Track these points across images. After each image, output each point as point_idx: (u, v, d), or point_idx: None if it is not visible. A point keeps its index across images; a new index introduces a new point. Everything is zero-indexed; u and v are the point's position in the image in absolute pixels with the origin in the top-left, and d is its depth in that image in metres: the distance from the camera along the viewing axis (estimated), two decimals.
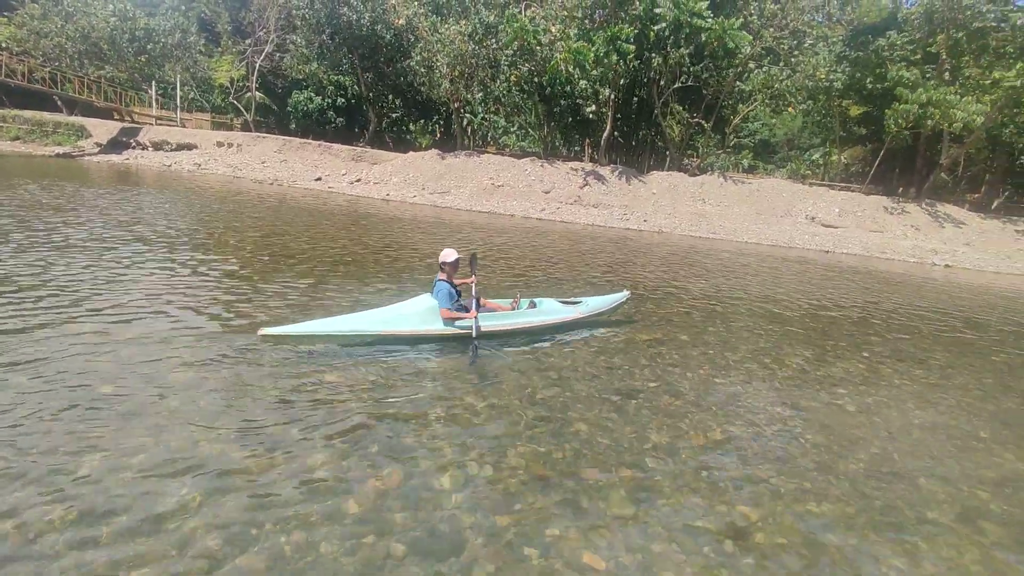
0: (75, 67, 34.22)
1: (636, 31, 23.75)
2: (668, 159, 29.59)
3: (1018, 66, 23.26)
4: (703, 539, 3.09)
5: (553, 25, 25.50)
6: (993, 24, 25.48)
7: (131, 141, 30.70)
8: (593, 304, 6.90)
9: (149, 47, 33.96)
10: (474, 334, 5.44)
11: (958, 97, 24.03)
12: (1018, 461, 4.48)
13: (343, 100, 38.68)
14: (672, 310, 8.42)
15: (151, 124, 34.79)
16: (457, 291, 5.95)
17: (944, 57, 27.14)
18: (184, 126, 36.83)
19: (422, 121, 38.04)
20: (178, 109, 38.99)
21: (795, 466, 4.00)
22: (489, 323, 5.87)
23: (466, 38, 25.43)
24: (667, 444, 4.12)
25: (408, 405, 4.30)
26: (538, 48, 24.89)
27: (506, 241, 14.41)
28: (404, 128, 39.45)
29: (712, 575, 2.83)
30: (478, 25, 25.77)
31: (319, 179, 25.91)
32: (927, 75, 27.05)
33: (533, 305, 6.48)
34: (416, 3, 28.10)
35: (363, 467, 3.45)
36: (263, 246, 9.95)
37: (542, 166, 26.68)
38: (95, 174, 20.86)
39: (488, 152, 31.46)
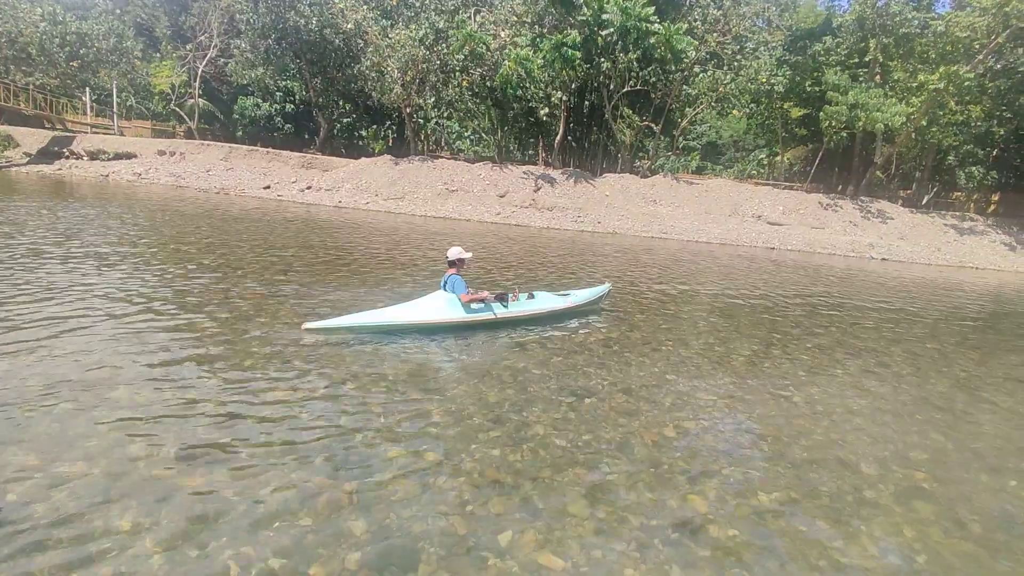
0: (0, 73, 32.26)
1: (584, 36, 24.12)
2: (620, 161, 30.15)
3: (940, 70, 24.75)
4: (657, 534, 3.14)
5: (503, 30, 25.64)
6: (917, 30, 27.10)
7: (64, 150, 29.19)
8: (580, 296, 7.77)
9: (82, 52, 32.34)
10: (496, 314, 6.60)
11: (881, 100, 25.41)
12: (947, 441, 4.75)
13: (292, 106, 37.84)
14: (625, 310, 8.56)
15: (86, 132, 33.10)
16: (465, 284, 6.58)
17: (876, 60, 28.65)
18: (123, 134, 35.27)
19: (374, 127, 37.58)
20: (115, 116, 37.32)
21: (744, 457, 4.12)
22: (508, 311, 6.73)
23: (417, 43, 25.27)
24: (621, 442, 4.17)
25: (361, 414, 4.22)
26: (487, 54, 24.98)
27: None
28: (356, 134, 38.88)
29: (667, 570, 2.87)
30: (429, 30, 25.66)
31: (268, 187, 25.22)
32: (860, 78, 28.49)
33: (531, 296, 7.15)
34: (365, 8, 27.74)
35: (315, 479, 3.36)
36: (210, 254, 9.59)
37: (496, 170, 26.74)
38: (25, 186, 19.71)
39: (442, 157, 31.32)
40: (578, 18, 24.54)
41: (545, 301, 7.28)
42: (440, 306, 6.35)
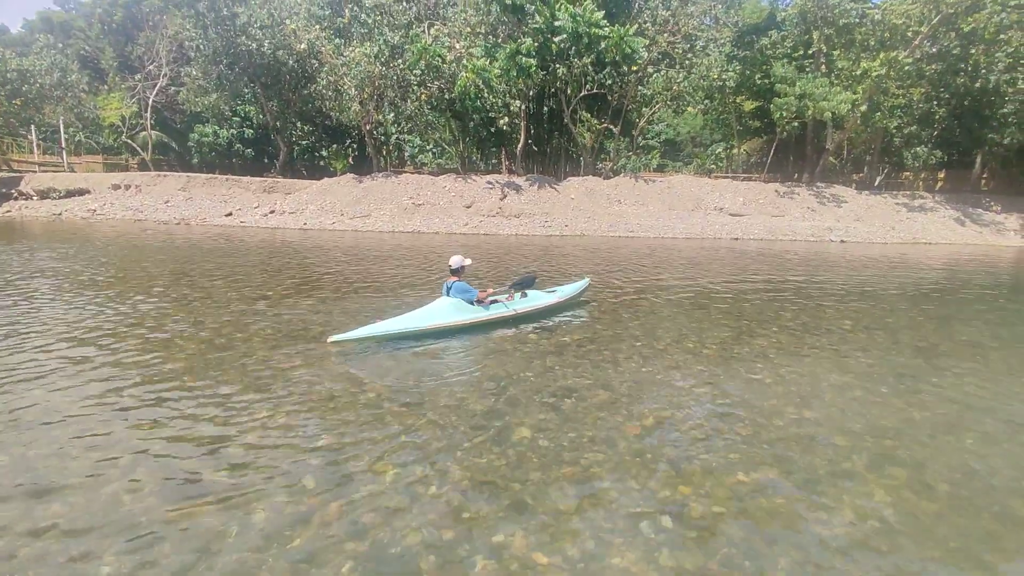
0: None
1: (538, 44, 24.46)
2: (582, 164, 30.54)
3: (880, 56, 25.83)
4: (645, 522, 3.22)
5: (458, 42, 25.81)
6: (856, 20, 28.24)
7: (11, 191, 28.23)
8: (565, 291, 8.48)
9: (24, 89, 31.42)
10: (512, 310, 7.39)
11: (827, 89, 26.41)
12: (911, 408, 4.96)
13: (251, 131, 37.33)
14: (598, 308, 8.70)
15: (34, 172, 32.07)
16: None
17: (820, 51, 29.72)
18: (73, 171, 34.24)
19: (334, 146, 37.31)
20: (64, 153, 36.23)
21: (723, 440, 4.24)
22: (509, 309, 7.42)
23: (372, 59, 25.25)
24: (604, 437, 4.25)
25: (344, 431, 4.21)
26: (444, 66, 25.11)
27: (435, 261, 14.36)
28: (316, 155, 38.53)
29: (657, 555, 2.95)
30: (383, 46, 25.67)
31: (230, 214, 24.81)
32: (806, 69, 29.51)
33: (525, 295, 7.82)
34: (317, 28, 27.60)
35: (304, 499, 3.35)
36: (176, 285, 9.40)
37: (461, 181, 26.83)
38: None
39: (406, 172, 31.27)
40: (531, 26, 24.88)
41: (538, 298, 7.97)
42: (450, 310, 6.94)
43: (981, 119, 29.76)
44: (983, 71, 26.85)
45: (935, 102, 30.31)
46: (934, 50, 28.07)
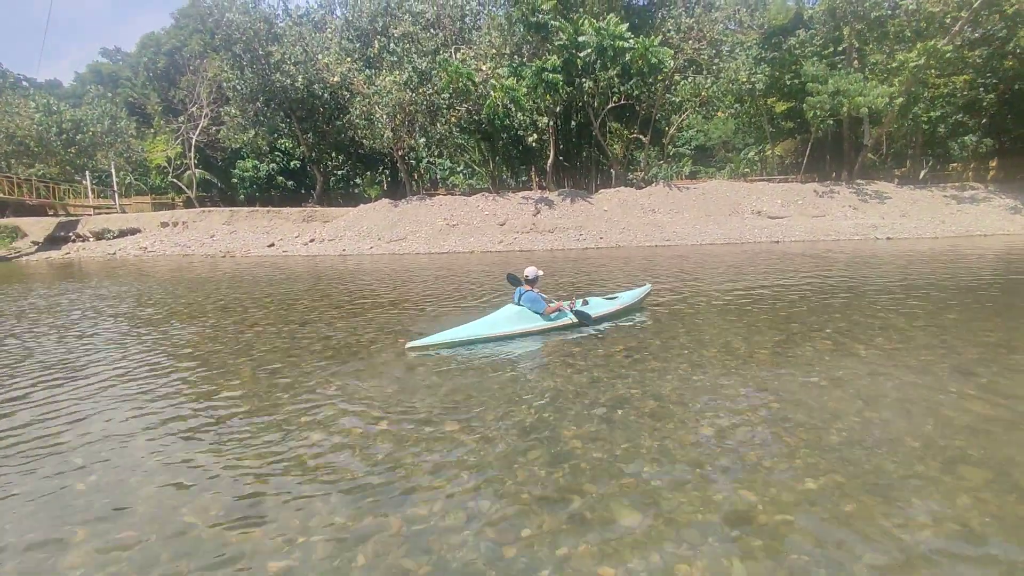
0: (1, 168, 33.22)
1: (563, 60, 24.69)
2: (613, 176, 30.48)
3: (918, 46, 25.07)
4: (709, 531, 3.13)
5: (484, 64, 26.29)
6: (889, 12, 27.56)
7: (70, 234, 29.87)
8: (626, 297, 8.71)
9: (78, 138, 33.41)
10: (575, 318, 7.61)
11: (861, 84, 25.73)
12: (985, 406, 4.71)
13: (296, 162, 38.66)
14: (642, 317, 8.59)
15: (89, 215, 33.93)
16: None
17: (852, 46, 29.08)
18: (124, 211, 36.10)
19: (368, 173, 38.28)
20: (116, 195, 38.24)
21: (783, 446, 4.10)
22: (573, 316, 7.65)
23: (402, 87, 25.92)
24: (659, 447, 4.17)
25: (396, 449, 4.25)
26: (473, 88, 25.57)
27: (473, 280, 14.49)
28: (351, 182, 39.60)
29: (725, 564, 2.87)
30: (412, 73, 26.34)
31: (272, 245, 25.65)
32: (839, 66, 28.89)
33: (586, 303, 8.03)
34: (349, 60, 28.55)
35: (360, 518, 3.38)
36: (226, 313, 9.74)
37: (493, 200, 27.10)
38: (35, 273, 20.14)
39: (439, 194, 31.78)
40: (555, 43, 25.16)
41: (600, 306, 8.22)
42: (516, 318, 7.43)
43: None
44: None
45: (981, 88, 29.12)
46: (977, 35, 27.08)
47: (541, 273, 7.78)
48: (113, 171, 38.07)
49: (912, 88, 26.13)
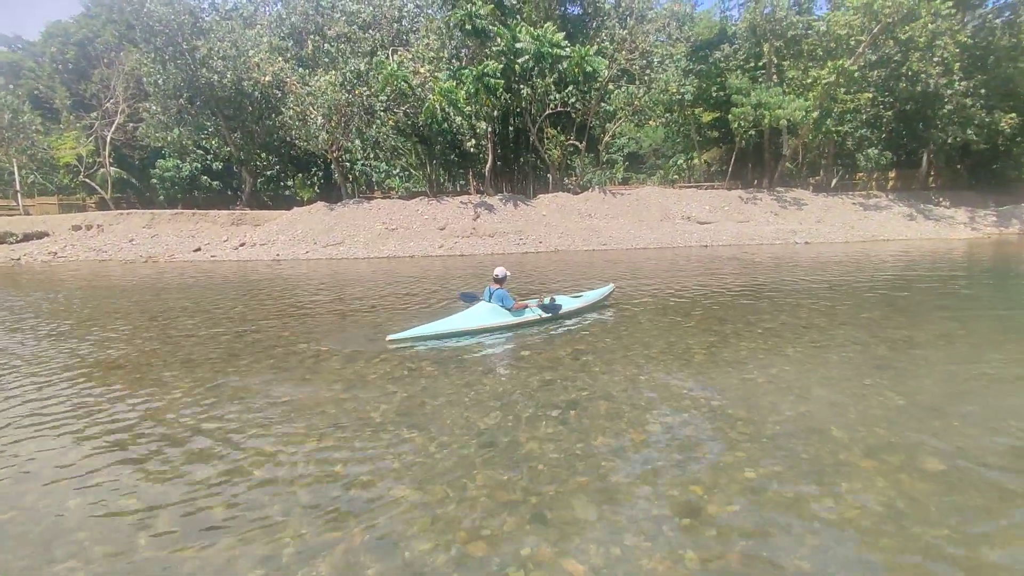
0: None
1: (502, 66, 24.94)
2: (551, 181, 31.03)
3: (829, 64, 27.11)
4: (665, 523, 3.33)
5: (422, 67, 26.13)
6: (803, 32, 29.65)
7: None
8: (590, 296, 9.47)
9: None
10: (543, 313, 8.32)
11: (780, 97, 27.58)
12: (898, 397, 5.22)
13: (219, 163, 36.85)
14: (586, 320, 8.85)
15: None
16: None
17: (771, 62, 31.04)
18: (28, 213, 33.20)
19: (300, 175, 37.08)
20: (19, 196, 35.12)
21: (726, 439, 4.39)
22: (541, 313, 8.32)
23: (338, 87, 25.34)
24: (612, 444, 4.36)
25: (354, 458, 4.22)
26: (410, 91, 25.36)
27: (411, 288, 14.37)
28: (282, 184, 38.22)
29: (681, 554, 3.06)
30: (348, 73, 25.81)
31: (198, 249, 24.37)
32: (759, 80, 30.75)
33: (553, 300, 8.69)
34: (280, 60, 27.59)
35: (321, 529, 3.35)
36: (152, 331, 9.21)
37: (433, 204, 26.95)
38: None
39: (376, 197, 31.25)
40: (493, 48, 25.37)
41: (566, 303, 8.92)
42: (489, 314, 8.06)
43: (924, 120, 31.36)
44: (922, 76, 28.37)
45: (881, 106, 31.83)
46: (875, 57, 29.58)
47: (509, 274, 8.65)
48: (15, 169, 34.90)
49: (824, 103, 28.24)
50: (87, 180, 37.33)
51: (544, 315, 8.40)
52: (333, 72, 25.89)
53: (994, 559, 3.00)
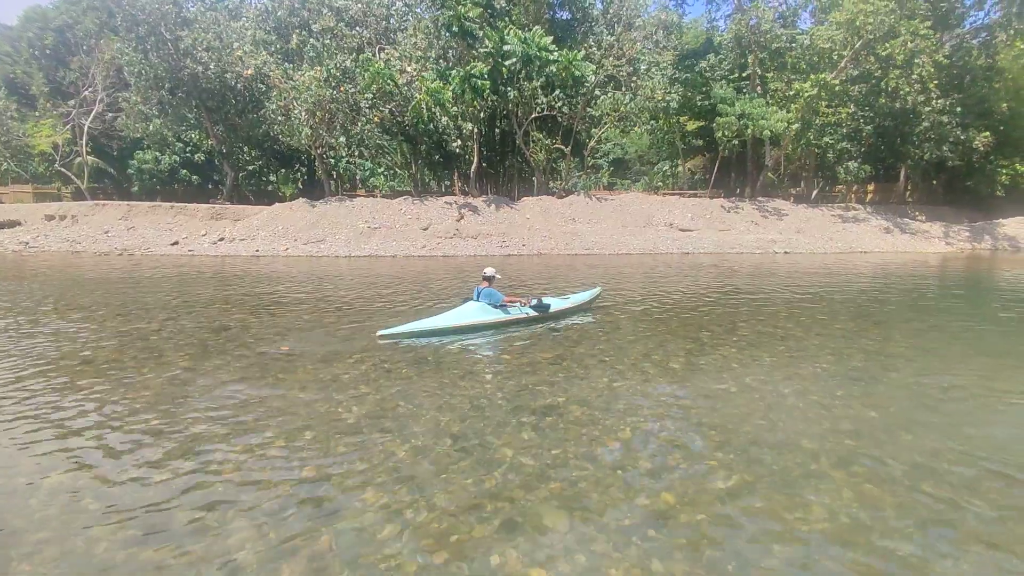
0: None
1: (489, 67, 24.91)
2: (536, 184, 31.06)
3: (812, 77, 27.56)
4: (634, 532, 3.32)
5: (409, 65, 26.00)
6: (787, 45, 30.10)
7: None
8: (577, 298, 9.71)
9: None
10: (532, 311, 8.59)
11: (764, 108, 27.97)
12: (867, 408, 5.28)
13: (201, 155, 36.21)
14: (567, 325, 8.85)
15: None
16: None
17: (755, 73, 31.47)
18: (1, 202, 32.33)
19: (283, 171, 36.62)
20: None
21: (698, 449, 4.41)
22: (530, 312, 8.61)
23: (322, 83, 25.08)
24: (585, 452, 4.34)
25: (324, 462, 4.15)
26: (396, 90, 25.21)
27: (394, 290, 14.26)
28: (264, 179, 37.70)
29: (648, 563, 3.05)
30: (333, 70, 25.57)
31: (176, 243, 23.93)
32: (743, 90, 31.15)
33: (541, 300, 8.84)
34: (264, 53, 27.21)
35: (291, 532, 3.29)
36: (120, 318, 9.00)
37: (417, 204, 26.79)
38: None
39: (359, 195, 30.98)
40: (480, 50, 25.33)
41: (555, 303, 9.10)
42: (478, 312, 8.23)
43: (902, 136, 32.00)
44: (901, 92, 28.96)
45: (861, 120, 32.41)
46: (856, 73, 30.12)
47: (499, 276, 8.95)
48: None
49: (806, 115, 28.68)
50: (63, 169, 36.43)
51: (533, 314, 8.63)
52: (318, 68, 25.61)
53: (950, 569, 3.04)
